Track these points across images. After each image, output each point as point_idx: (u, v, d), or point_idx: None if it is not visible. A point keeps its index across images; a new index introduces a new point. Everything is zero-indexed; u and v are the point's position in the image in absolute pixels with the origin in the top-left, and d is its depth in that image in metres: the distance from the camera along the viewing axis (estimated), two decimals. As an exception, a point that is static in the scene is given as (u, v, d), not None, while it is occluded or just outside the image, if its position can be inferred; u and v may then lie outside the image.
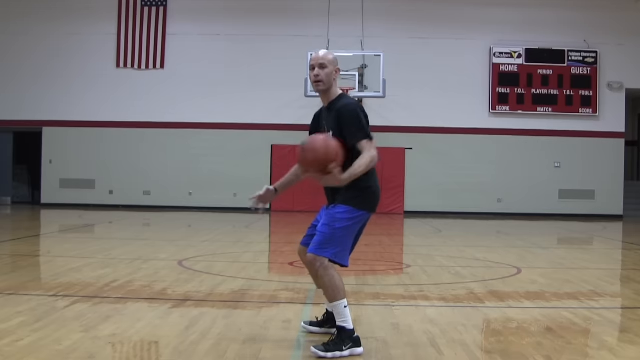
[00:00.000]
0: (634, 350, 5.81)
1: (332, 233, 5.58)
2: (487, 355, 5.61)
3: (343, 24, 26.09)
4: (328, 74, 5.76)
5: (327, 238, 5.58)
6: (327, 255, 5.58)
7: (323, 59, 5.75)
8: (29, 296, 7.72)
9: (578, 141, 26.90)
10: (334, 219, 5.61)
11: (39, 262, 11.62)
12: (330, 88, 5.82)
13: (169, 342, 5.77)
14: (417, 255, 13.34)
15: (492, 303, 7.85)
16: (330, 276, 5.56)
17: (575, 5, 26.78)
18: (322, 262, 5.57)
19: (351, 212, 5.63)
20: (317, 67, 5.75)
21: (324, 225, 5.65)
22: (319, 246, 5.58)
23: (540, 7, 26.88)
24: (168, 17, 27.11)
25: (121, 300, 7.70)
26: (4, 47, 27.10)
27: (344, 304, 5.56)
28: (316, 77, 5.75)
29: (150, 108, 26.93)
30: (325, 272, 5.56)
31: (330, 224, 5.61)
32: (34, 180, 28.47)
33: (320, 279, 5.61)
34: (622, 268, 12.46)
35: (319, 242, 5.60)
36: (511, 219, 25.03)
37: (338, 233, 5.58)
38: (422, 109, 26.65)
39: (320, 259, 5.57)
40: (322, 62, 5.74)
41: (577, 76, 26.83)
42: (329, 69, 5.76)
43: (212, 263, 11.04)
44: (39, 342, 5.60)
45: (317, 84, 5.79)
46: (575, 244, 17.74)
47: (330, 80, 5.79)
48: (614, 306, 8.24)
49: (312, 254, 5.60)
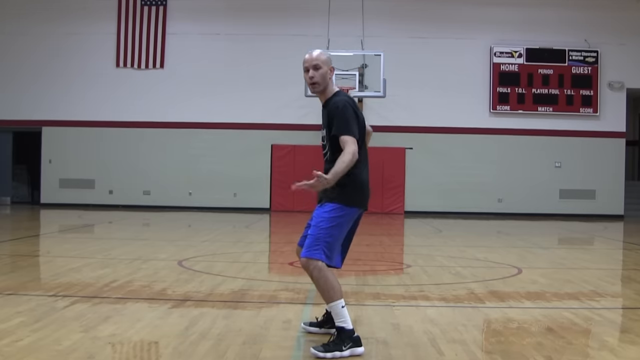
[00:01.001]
0: (635, 350, 5.82)
1: (318, 233, 5.59)
2: (487, 356, 5.62)
3: (343, 23, 26.11)
4: (323, 75, 5.75)
5: (316, 239, 5.60)
6: (319, 257, 5.58)
7: (316, 60, 5.74)
8: (28, 296, 7.72)
9: (579, 141, 26.91)
10: (321, 218, 5.63)
11: (38, 262, 11.63)
12: (326, 87, 5.82)
13: (168, 343, 5.78)
14: (417, 255, 13.34)
15: (492, 303, 7.86)
16: (325, 278, 5.56)
17: (575, 4, 26.78)
18: (315, 265, 5.58)
19: (339, 209, 5.63)
20: (312, 69, 5.74)
21: (312, 226, 5.67)
22: (309, 248, 5.59)
23: (541, 7, 26.89)
24: (168, 17, 27.12)
25: (121, 300, 7.70)
26: (3, 47, 27.11)
27: (341, 304, 5.55)
28: (311, 79, 5.75)
29: (150, 108, 26.94)
30: (320, 273, 5.55)
31: (317, 225, 5.63)
32: (34, 180, 28.49)
33: (316, 281, 5.62)
34: (623, 268, 12.47)
35: (308, 245, 5.61)
36: (512, 219, 25.04)
37: (323, 233, 5.59)
38: (422, 108, 26.66)
39: (312, 261, 5.57)
40: (316, 63, 5.73)
41: (578, 76, 26.84)
42: (323, 70, 5.75)
43: (212, 263, 11.04)
44: (38, 342, 5.61)
45: (313, 85, 5.78)
46: (576, 244, 17.74)
47: (325, 81, 5.78)
48: (615, 306, 8.24)
49: (304, 258, 5.61)
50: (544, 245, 16.16)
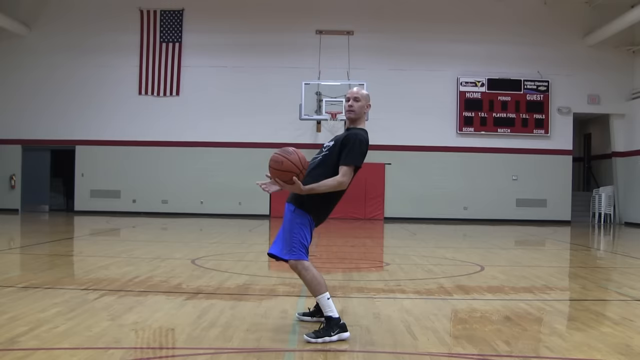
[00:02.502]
0: (580, 335, 5.84)
1: (292, 238, 5.67)
2: (455, 340, 5.64)
3: (332, 57, 26.17)
4: (360, 107, 5.87)
5: (291, 243, 5.67)
6: (303, 258, 5.64)
7: (357, 94, 5.87)
8: (64, 290, 7.71)
9: (532, 157, 26.95)
10: (291, 225, 5.71)
11: (72, 260, 11.61)
12: (359, 119, 5.89)
13: (183, 329, 5.78)
14: (395, 254, 13.35)
15: (459, 296, 7.87)
16: (312, 275, 5.60)
17: (530, 41, 26.86)
18: (303, 264, 5.64)
19: (303, 215, 5.70)
20: (352, 100, 5.84)
21: (286, 232, 5.76)
22: (291, 252, 5.67)
23: (500, 43, 26.99)
24: (183, 52, 27.11)
25: (142, 293, 7.70)
26: (42, 77, 27.06)
27: (327, 296, 5.57)
28: (350, 107, 5.86)
29: (168, 129, 26.91)
30: (307, 272, 5.61)
31: (290, 230, 5.70)
32: (68, 190, 28.44)
33: (304, 279, 5.66)
34: (570, 266, 12.49)
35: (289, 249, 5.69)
36: (475, 224, 25.05)
37: (296, 237, 5.67)
38: (399, 130, 26.67)
39: (299, 262, 5.64)
40: (357, 96, 5.86)
41: (532, 102, 26.89)
42: (361, 103, 5.86)
43: (220, 261, 11.04)
44: (72, 329, 5.61)
45: (349, 112, 5.87)
46: (530, 245, 17.77)
47: (360, 113, 5.89)
48: (563, 298, 8.26)
49: (292, 260, 5.65)
50: (503, 246, 16.17)
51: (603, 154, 28.86)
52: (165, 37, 27.11)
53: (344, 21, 26.84)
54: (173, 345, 5.43)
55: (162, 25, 27.15)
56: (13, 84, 27.30)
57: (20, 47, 27.17)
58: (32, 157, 27.63)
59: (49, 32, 27.24)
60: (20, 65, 27.16)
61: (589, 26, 26.68)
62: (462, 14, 27.09)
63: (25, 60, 27.15)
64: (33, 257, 11.65)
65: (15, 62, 27.20)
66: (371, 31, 26.87)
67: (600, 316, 6.79)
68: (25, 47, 27.17)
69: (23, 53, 27.15)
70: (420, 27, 27.01)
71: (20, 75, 27.21)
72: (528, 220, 26.50)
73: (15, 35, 26.83)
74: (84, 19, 27.18)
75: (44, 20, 27.39)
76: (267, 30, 26.91)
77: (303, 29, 26.80)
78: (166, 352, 5.19)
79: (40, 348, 5.01)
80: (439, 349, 5.28)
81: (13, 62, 27.23)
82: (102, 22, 27.09)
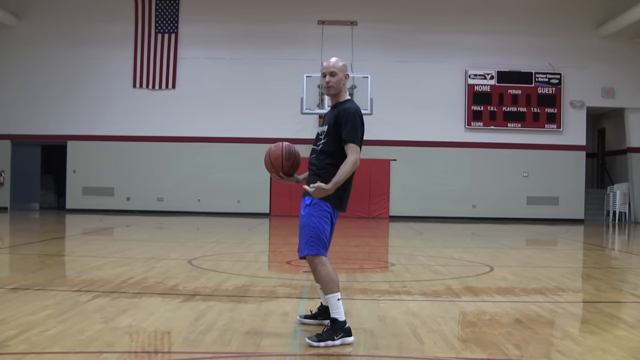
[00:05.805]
0: (594, 339, 5.84)
1: (311, 232, 5.68)
2: (462, 344, 5.63)
3: (335, 49, 26.02)
4: (338, 81, 5.82)
5: (310, 237, 5.69)
6: (322, 253, 5.65)
7: (333, 67, 5.83)
8: (55, 291, 7.72)
9: (544, 153, 26.93)
10: (310, 218, 5.72)
11: (64, 261, 11.62)
12: (339, 92, 5.87)
13: (179, 333, 5.78)
14: (400, 255, 13.35)
15: (467, 297, 7.87)
16: (327, 271, 5.64)
17: (541, 32, 26.82)
18: (320, 260, 5.66)
19: (325, 206, 5.72)
20: (328, 75, 5.82)
21: (305, 226, 5.76)
22: (310, 247, 5.68)
23: (510, 35, 26.94)
24: (179, 43, 27.09)
25: (137, 295, 7.70)
26: (33, 69, 27.05)
27: (338, 296, 5.57)
28: (327, 83, 5.83)
29: (163, 124, 26.90)
30: (323, 267, 5.64)
31: (309, 224, 5.71)
32: (60, 188, 28.42)
33: (318, 274, 5.67)
34: (583, 266, 12.49)
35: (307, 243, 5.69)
36: (484, 222, 25.04)
37: (317, 230, 5.68)
38: (405, 124, 26.65)
39: (316, 257, 5.65)
40: (333, 70, 5.81)
41: (543, 95, 26.86)
42: (339, 76, 5.82)
43: (218, 262, 11.03)
44: (64, 332, 5.61)
45: (328, 89, 5.85)
46: (541, 245, 17.76)
47: (339, 86, 5.85)
48: (576, 300, 8.25)
49: (309, 255, 5.66)
50: (513, 246, 16.18)
51: (617, 149, 28.82)
52: (160, 28, 27.09)
53: (347, 11, 26.79)
54: (169, 349, 5.42)
55: (157, 15, 27.12)
56: (2, 76, 27.27)
57: (10, 38, 27.12)
58: (21, 152, 27.64)
59: (39, 22, 27.20)
60: (10, 57, 27.15)
61: (603, 16, 26.63)
62: (470, 3, 27.04)
63: (15, 52, 27.13)
64: (23, 257, 11.65)
65: (5, 54, 27.18)
66: (375, 21, 26.83)
67: (614, 319, 6.78)
68: (15, 38, 27.12)
69: (13, 44, 27.11)
70: (426, 18, 26.98)
71: (10, 67, 27.20)
72: (539, 219, 26.47)
73: (5, 26, 26.80)
74: (76, 9, 27.13)
75: (35, 11, 27.35)
76: (267, 20, 26.88)
77: (304, 19, 26.78)
78: (162, 357, 5.18)
79: (30, 352, 5.00)
80: (446, 353, 5.27)
81: (2, 54, 27.21)
82: (95, 11, 27.04)
